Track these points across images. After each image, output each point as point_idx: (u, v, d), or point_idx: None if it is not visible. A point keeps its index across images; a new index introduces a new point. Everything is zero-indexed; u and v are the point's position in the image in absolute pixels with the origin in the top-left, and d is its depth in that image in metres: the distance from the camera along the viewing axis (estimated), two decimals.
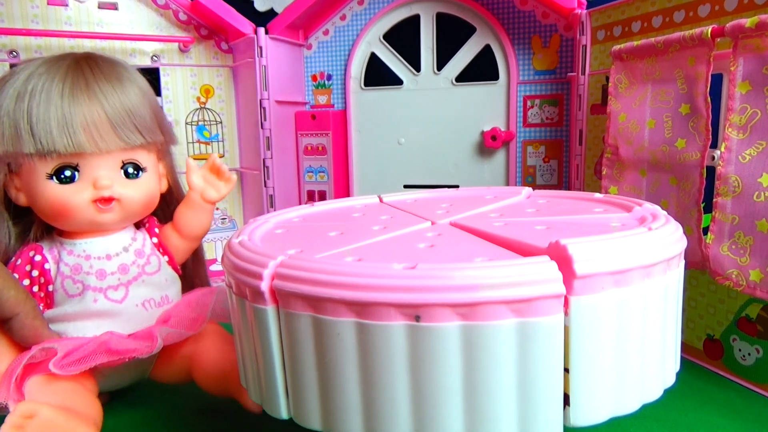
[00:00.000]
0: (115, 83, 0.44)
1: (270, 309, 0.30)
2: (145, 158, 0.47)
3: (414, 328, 0.26)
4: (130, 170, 0.46)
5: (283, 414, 0.32)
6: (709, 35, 0.45)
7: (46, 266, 0.45)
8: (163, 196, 0.51)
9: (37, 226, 0.47)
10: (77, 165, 0.43)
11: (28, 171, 0.43)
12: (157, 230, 0.50)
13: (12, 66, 0.68)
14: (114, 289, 0.46)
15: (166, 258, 0.50)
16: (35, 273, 0.45)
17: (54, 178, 0.43)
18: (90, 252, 0.46)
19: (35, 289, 0.45)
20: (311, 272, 0.28)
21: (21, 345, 0.43)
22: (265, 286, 0.29)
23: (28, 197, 0.45)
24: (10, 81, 0.43)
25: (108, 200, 0.44)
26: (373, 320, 0.27)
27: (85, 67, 0.44)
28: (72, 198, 0.43)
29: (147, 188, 0.47)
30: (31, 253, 0.45)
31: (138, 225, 0.50)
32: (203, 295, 0.50)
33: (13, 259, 0.45)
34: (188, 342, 0.47)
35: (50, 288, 0.45)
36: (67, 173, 0.43)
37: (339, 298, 0.27)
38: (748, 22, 0.42)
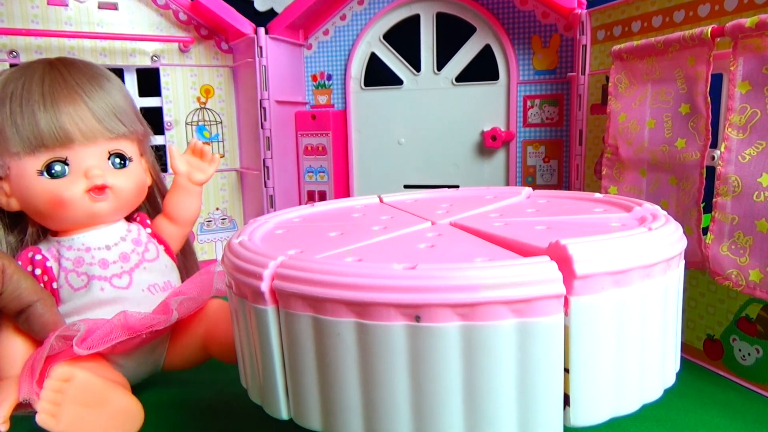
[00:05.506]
0: (92, 80, 0.46)
1: (270, 309, 0.30)
2: (130, 148, 0.48)
3: (414, 328, 0.26)
4: (117, 161, 0.47)
5: (283, 414, 0.32)
6: (709, 35, 0.45)
7: (48, 264, 0.45)
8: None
9: (31, 231, 0.48)
10: (66, 159, 0.44)
11: (17, 172, 0.44)
12: (149, 221, 0.52)
13: (12, 66, 0.68)
14: (118, 277, 0.47)
15: (162, 247, 0.51)
16: (38, 271, 0.45)
17: (45, 173, 0.44)
18: (89, 244, 0.47)
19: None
20: (311, 272, 0.28)
21: (37, 337, 0.43)
22: (265, 286, 0.29)
23: (20, 200, 0.45)
24: None
25: (101, 188, 0.45)
26: (373, 320, 0.27)
27: (61, 68, 0.46)
28: (66, 191, 0.44)
29: (136, 176, 0.48)
30: (30, 254, 0.45)
31: (128, 219, 0.51)
32: (202, 274, 0.51)
33: None
34: (198, 322, 0.49)
35: (54, 285, 0.45)
36: (57, 168, 0.44)
37: (339, 299, 0.27)
38: (748, 21, 0.42)
